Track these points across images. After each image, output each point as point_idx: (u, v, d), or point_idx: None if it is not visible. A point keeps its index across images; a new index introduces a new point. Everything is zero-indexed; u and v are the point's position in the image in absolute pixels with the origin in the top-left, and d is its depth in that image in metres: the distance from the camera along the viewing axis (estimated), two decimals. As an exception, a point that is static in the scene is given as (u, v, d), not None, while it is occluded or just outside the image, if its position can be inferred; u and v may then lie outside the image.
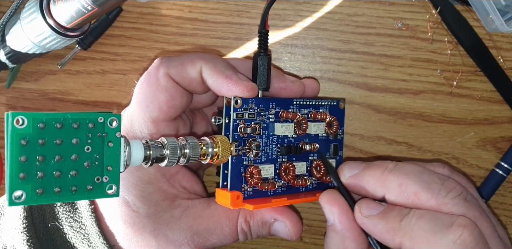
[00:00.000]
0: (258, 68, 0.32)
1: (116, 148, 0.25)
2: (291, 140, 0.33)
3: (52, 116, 0.23)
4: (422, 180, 0.28)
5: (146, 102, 0.31)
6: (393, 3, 0.39)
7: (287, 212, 0.32)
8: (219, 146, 0.29)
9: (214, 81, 0.30)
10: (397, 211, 0.28)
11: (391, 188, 0.29)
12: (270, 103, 0.32)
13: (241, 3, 0.40)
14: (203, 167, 0.38)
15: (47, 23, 0.34)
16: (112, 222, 0.32)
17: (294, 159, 0.33)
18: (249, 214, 0.32)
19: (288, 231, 0.32)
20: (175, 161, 0.28)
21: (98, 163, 0.24)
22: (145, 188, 0.31)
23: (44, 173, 0.23)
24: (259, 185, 0.31)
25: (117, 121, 0.25)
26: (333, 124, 0.34)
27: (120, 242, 0.31)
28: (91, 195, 0.24)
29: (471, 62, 0.39)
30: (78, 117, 0.24)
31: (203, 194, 0.34)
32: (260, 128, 0.31)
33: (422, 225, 0.26)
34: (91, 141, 0.24)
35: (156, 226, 0.31)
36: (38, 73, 0.42)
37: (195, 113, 0.36)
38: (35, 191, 0.23)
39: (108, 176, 0.25)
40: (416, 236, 0.26)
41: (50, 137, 0.23)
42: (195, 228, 0.31)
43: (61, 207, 0.32)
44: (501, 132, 0.40)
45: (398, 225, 0.27)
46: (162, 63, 0.31)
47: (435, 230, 0.26)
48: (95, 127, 0.24)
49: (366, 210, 0.29)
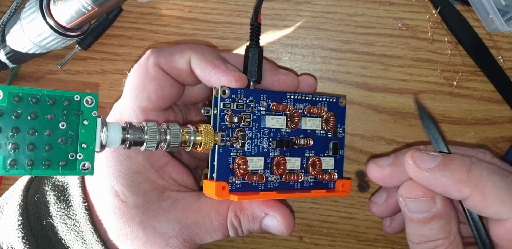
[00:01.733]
0: (249, 60, 0.32)
1: (91, 127, 0.26)
2: (284, 134, 0.32)
3: (28, 91, 0.24)
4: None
5: (136, 92, 0.31)
6: (393, 3, 0.39)
7: (278, 206, 0.32)
8: (202, 134, 0.29)
9: (202, 70, 0.30)
10: (459, 161, 0.27)
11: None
12: (261, 96, 0.31)
13: (241, 3, 0.40)
14: (201, 166, 0.38)
15: (47, 23, 0.34)
16: (102, 213, 0.32)
17: (288, 154, 0.32)
18: (239, 209, 0.32)
19: (279, 225, 0.31)
20: (154, 145, 0.28)
21: (73, 140, 0.25)
22: (134, 178, 0.31)
23: (17, 145, 0.24)
24: (247, 177, 0.30)
25: (94, 101, 0.26)
26: (330, 120, 0.34)
27: (110, 234, 0.31)
28: (64, 171, 0.25)
29: (471, 62, 0.39)
30: (54, 94, 0.25)
31: (194, 188, 0.34)
32: (249, 119, 0.31)
33: (497, 182, 0.26)
34: (66, 118, 0.25)
35: (144, 217, 0.31)
36: (38, 73, 0.42)
37: (190, 108, 0.36)
38: (7, 161, 0.23)
39: (82, 154, 0.25)
40: (489, 193, 0.26)
41: (25, 111, 0.24)
42: (183, 221, 0.31)
43: (56, 205, 0.32)
44: (501, 132, 0.40)
45: (467, 176, 0.26)
46: (152, 54, 0.32)
47: (509, 190, 0.26)
48: (70, 104, 0.25)
49: (424, 163, 0.28)
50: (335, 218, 0.42)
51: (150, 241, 0.31)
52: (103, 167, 0.31)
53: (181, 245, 0.31)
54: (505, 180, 0.26)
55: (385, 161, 0.32)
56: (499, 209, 0.26)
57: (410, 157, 0.28)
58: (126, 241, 0.31)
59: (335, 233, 0.42)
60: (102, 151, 0.26)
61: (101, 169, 0.31)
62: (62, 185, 0.33)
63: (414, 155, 0.28)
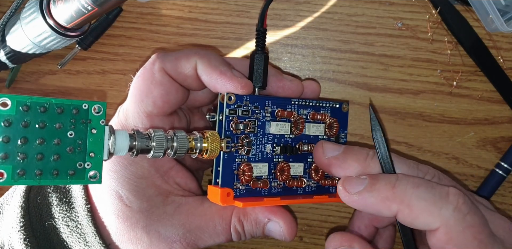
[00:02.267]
0: (254, 66, 0.32)
1: (99, 135, 0.25)
2: (288, 140, 0.32)
3: (36, 100, 0.24)
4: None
5: (141, 97, 0.31)
6: (393, 3, 0.39)
7: (281, 212, 0.32)
8: (209, 141, 0.29)
9: (208, 76, 0.30)
10: (383, 179, 0.28)
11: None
12: (266, 102, 0.31)
13: (241, 3, 0.40)
14: (203, 168, 0.38)
15: (47, 23, 0.34)
16: (105, 217, 0.32)
17: (292, 159, 0.33)
18: (243, 214, 0.32)
19: (282, 231, 0.32)
20: (161, 152, 0.28)
21: (81, 148, 0.25)
22: (139, 183, 0.31)
23: (25, 155, 0.23)
24: (251, 183, 0.31)
25: (102, 109, 0.25)
26: (333, 126, 0.34)
27: (113, 238, 0.31)
28: (72, 180, 0.25)
29: (471, 62, 0.39)
30: (62, 103, 0.24)
31: (197, 192, 0.34)
32: (254, 125, 0.31)
33: (421, 194, 0.27)
34: (75, 126, 0.25)
35: (148, 221, 0.31)
36: (38, 73, 0.42)
37: (194, 112, 0.36)
38: (16, 171, 0.23)
39: (90, 162, 0.25)
40: (415, 205, 0.26)
41: (33, 120, 0.24)
42: (187, 226, 0.31)
43: (58, 206, 0.32)
44: (501, 132, 0.40)
45: (392, 193, 0.27)
46: (158, 58, 0.32)
47: (434, 200, 0.26)
48: (79, 113, 0.25)
49: (352, 187, 0.28)
50: (335, 218, 0.42)
51: (154, 245, 0.31)
52: (108, 171, 0.31)
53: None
54: (430, 191, 0.27)
55: (331, 151, 0.32)
56: (426, 219, 0.26)
57: (341, 183, 0.29)
58: (130, 245, 0.31)
59: (335, 233, 0.42)
60: (110, 158, 0.26)
61: (105, 173, 0.31)
62: (64, 187, 0.33)
63: (344, 181, 0.29)
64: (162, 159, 0.32)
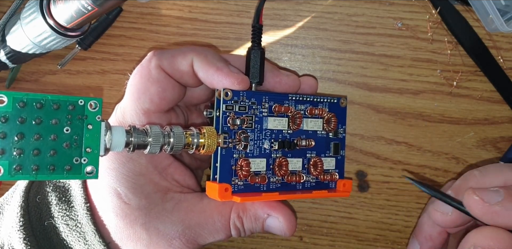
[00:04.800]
0: (251, 62, 0.32)
1: (95, 131, 0.26)
2: (286, 135, 0.32)
3: (33, 97, 0.24)
4: None
5: (138, 94, 0.31)
6: (393, 3, 0.39)
7: (280, 207, 0.32)
8: (206, 136, 0.29)
9: (204, 73, 0.30)
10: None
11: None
12: (263, 97, 0.31)
13: (241, 3, 0.40)
14: (202, 167, 0.38)
15: (47, 23, 0.34)
16: (105, 215, 0.32)
17: (290, 155, 0.32)
18: (242, 210, 0.32)
19: (281, 226, 0.31)
20: (158, 148, 0.28)
21: (77, 144, 0.25)
22: (137, 180, 0.31)
23: (22, 151, 0.24)
24: (249, 179, 0.31)
25: (98, 105, 0.26)
26: (331, 121, 0.34)
27: (113, 236, 0.31)
28: (69, 175, 0.25)
29: (471, 62, 0.39)
30: (58, 99, 0.25)
31: (196, 189, 0.34)
32: (251, 121, 0.31)
33: None
34: (71, 122, 0.25)
35: (147, 218, 0.31)
36: (38, 73, 0.42)
37: (191, 110, 0.36)
38: (12, 167, 0.24)
39: (87, 158, 0.25)
40: None
41: (30, 116, 0.24)
42: (186, 222, 0.31)
43: (57, 205, 0.32)
44: (501, 132, 0.40)
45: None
46: (154, 56, 0.32)
47: None
48: (75, 109, 0.25)
49: (491, 198, 0.27)
50: (335, 218, 0.42)
51: (153, 242, 0.31)
52: (105, 169, 0.31)
53: (184, 246, 0.31)
54: None
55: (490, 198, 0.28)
56: None
57: (473, 193, 0.27)
58: (129, 243, 0.31)
59: (335, 233, 0.42)
60: (106, 154, 0.26)
61: (103, 171, 0.31)
62: (63, 186, 0.33)
63: (476, 191, 0.27)
64: (159, 155, 0.32)
